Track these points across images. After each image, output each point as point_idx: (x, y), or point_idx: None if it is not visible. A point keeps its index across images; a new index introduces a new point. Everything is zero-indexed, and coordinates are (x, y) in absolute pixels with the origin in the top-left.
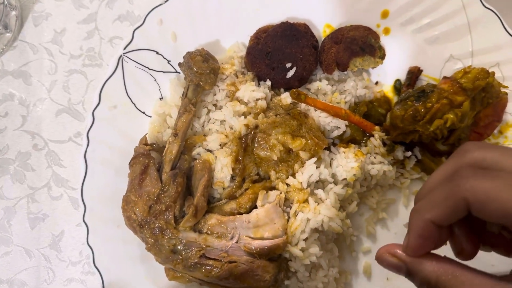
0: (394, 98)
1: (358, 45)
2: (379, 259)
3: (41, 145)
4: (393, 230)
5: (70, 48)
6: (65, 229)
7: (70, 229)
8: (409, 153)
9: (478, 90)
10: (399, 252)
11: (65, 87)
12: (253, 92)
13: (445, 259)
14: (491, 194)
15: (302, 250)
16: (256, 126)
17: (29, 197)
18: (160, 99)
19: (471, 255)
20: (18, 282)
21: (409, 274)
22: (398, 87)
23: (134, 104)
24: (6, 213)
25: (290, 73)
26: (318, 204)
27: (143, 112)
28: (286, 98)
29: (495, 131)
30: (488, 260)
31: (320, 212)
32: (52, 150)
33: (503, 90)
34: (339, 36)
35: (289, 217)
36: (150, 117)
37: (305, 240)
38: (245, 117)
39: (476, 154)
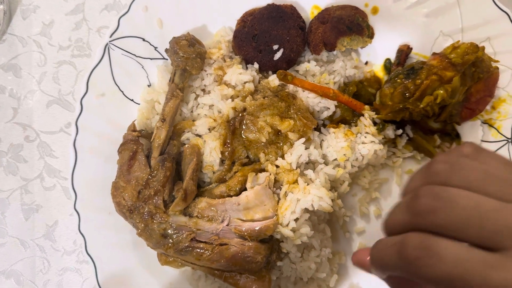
0: (384, 78)
1: (345, 24)
2: (354, 264)
3: (32, 136)
4: (387, 210)
5: (59, 40)
6: (59, 219)
7: (64, 219)
8: (400, 131)
9: (468, 64)
10: (364, 259)
11: (55, 78)
12: (240, 75)
13: None
14: None
15: (293, 230)
16: (244, 109)
17: (22, 189)
18: (149, 86)
19: None
20: (14, 273)
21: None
22: (388, 66)
23: (122, 91)
24: (0, 205)
25: (278, 55)
26: (308, 184)
27: (132, 100)
28: (273, 80)
29: (488, 107)
30: None
31: (309, 192)
32: (44, 141)
33: (494, 64)
34: (325, 15)
35: (279, 199)
36: (139, 104)
37: (295, 220)
38: (233, 101)
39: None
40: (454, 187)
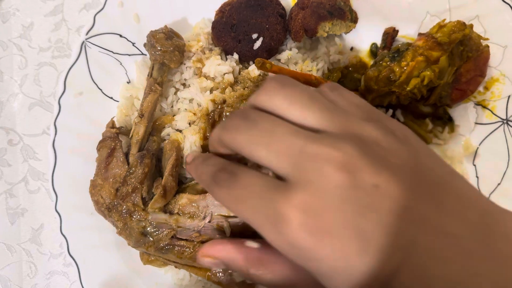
0: (371, 63)
1: (325, 8)
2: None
3: (16, 140)
4: None
5: (39, 41)
6: (45, 222)
7: (50, 222)
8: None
9: (455, 43)
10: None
11: (36, 80)
12: (218, 66)
13: None
14: None
15: None
16: (224, 101)
17: (7, 193)
18: (128, 82)
19: None
20: (1, 279)
21: None
22: (374, 50)
23: (101, 89)
24: None
25: (257, 44)
26: None
27: (111, 97)
28: (253, 70)
29: (481, 88)
30: None
31: None
32: (27, 144)
33: (484, 42)
34: (305, 1)
35: None
36: (118, 101)
37: None
38: (211, 93)
39: None
40: (268, 111)
